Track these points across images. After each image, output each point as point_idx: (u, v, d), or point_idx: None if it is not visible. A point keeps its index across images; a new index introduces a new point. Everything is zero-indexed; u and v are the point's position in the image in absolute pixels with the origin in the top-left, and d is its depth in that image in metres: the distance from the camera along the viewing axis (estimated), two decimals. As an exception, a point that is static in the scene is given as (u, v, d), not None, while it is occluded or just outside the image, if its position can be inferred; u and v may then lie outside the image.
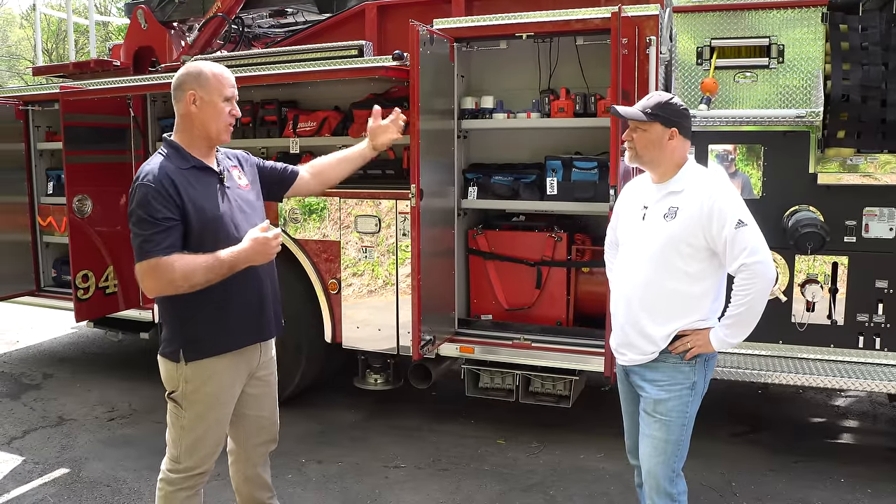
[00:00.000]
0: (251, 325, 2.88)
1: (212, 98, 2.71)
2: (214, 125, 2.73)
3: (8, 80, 26.22)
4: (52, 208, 6.50)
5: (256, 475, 3.12)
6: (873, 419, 5.19)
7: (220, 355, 2.78)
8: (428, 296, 4.38)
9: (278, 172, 3.12)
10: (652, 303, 2.77)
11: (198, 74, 2.72)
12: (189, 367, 2.76)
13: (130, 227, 2.63)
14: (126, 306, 5.85)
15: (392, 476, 4.34)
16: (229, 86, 2.76)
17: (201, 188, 2.71)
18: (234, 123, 2.82)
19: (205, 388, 2.80)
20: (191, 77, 2.72)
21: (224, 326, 2.78)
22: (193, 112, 2.71)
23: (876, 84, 3.95)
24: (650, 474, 2.83)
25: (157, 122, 6.01)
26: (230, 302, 2.77)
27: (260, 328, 2.92)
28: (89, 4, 7.67)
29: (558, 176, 4.66)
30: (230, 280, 2.68)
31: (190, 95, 2.70)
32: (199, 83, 2.71)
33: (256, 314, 2.88)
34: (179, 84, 2.74)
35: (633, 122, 2.79)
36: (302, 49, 5.19)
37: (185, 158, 2.73)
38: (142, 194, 2.59)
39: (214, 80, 2.72)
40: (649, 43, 4.03)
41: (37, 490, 4.21)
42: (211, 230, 2.69)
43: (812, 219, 3.99)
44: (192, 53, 5.89)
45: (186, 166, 2.71)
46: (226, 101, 2.74)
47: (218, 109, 2.72)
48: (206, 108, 2.71)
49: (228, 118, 2.76)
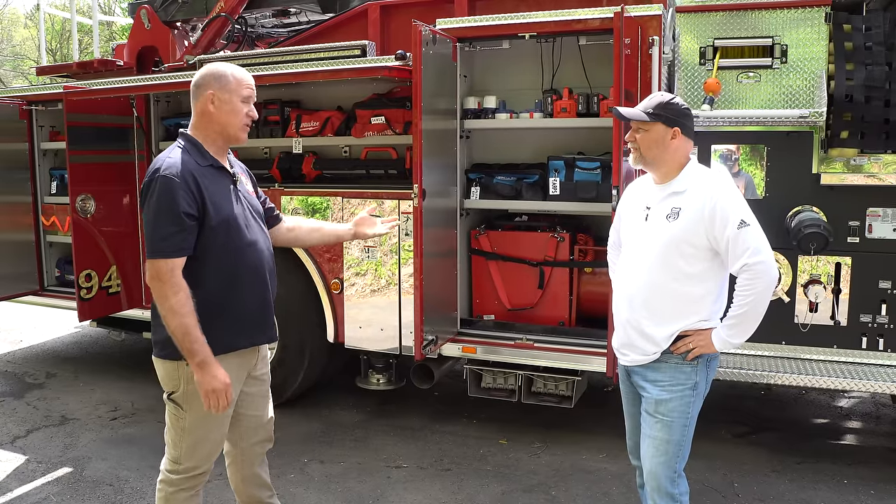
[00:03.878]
0: (258, 326, 2.90)
1: (230, 98, 2.75)
2: (232, 125, 2.77)
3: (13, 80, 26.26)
4: (55, 208, 6.51)
5: (255, 475, 3.12)
6: (876, 420, 5.18)
7: (225, 355, 2.77)
8: (430, 296, 4.38)
9: (266, 208, 3.11)
10: (654, 303, 2.76)
11: (219, 75, 2.76)
12: (190, 368, 2.75)
13: (147, 218, 2.64)
14: (129, 306, 5.87)
15: (394, 476, 4.34)
16: (248, 88, 2.80)
17: (217, 187, 2.74)
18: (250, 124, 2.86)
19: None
20: (212, 77, 2.76)
21: (231, 326, 2.79)
22: (211, 111, 2.75)
23: (880, 84, 3.93)
24: (652, 475, 2.82)
25: (160, 121, 6.03)
26: (239, 303, 2.79)
27: (265, 330, 2.94)
28: (93, 4, 7.70)
29: (561, 176, 4.65)
30: (239, 282, 2.75)
31: (209, 95, 2.74)
32: (219, 84, 2.74)
33: (262, 316, 2.90)
34: (200, 83, 2.77)
35: (635, 123, 2.78)
36: (305, 49, 5.20)
37: (203, 156, 2.76)
38: (165, 185, 2.60)
39: (234, 81, 2.76)
40: (652, 43, 4.03)
41: (39, 489, 4.22)
42: (223, 229, 2.71)
43: (815, 219, 3.98)
44: (196, 53, 5.90)
45: (204, 164, 2.74)
46: (244, 103, 2.78)
47: (236, 109, 2.76)
48: (223, 107, 2.74)
49: (246, 119, 2.80)
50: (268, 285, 2.90)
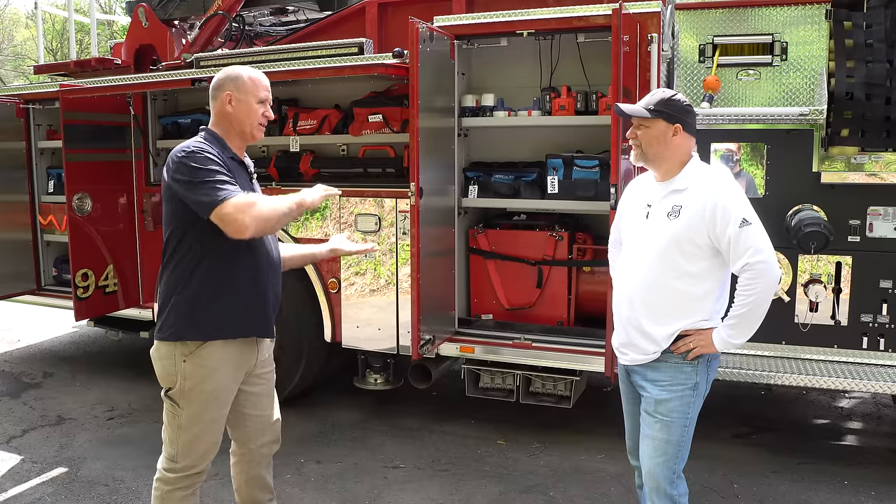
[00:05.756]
0: (259, 318, 2.92)
1: (247, 99, 2.85)
2: (249, 123, 2.87)
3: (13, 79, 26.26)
4: (52, 207, 6.51)
5: (259, 476, 3.11)
6: (877, 421, 5.15)
7: (219, 344, 2.78)
8: (428, 295, 4.36)
9: None
10: (654, 302, 2.74)
11: (236, 77, 2.87)
12: (188, 364, 2.77)
13: (184, 186, 2.65)
14: (126, 305, 5.84)
15: (391, 476, 4.32)
16: (264, 90, 2.92)
17: (238, 178, 2.80)
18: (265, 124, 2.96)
19: (203, 385, 2.79)
20: (229, 79, 2.87)
21: (230, 314, 2.81)
22: (229, 111, 2.85)
23: (880, 82, 3.90)
24: (650, 475, 2.80)
25: (157, 120, 6.00)
26: (240, 293, 2.82)
27: (265, 323, 2.96)
28: (91, 3, 7.67)
29: (559, 174, 4.63)
30: (245, 272, 2.81)
31: (227, 96, 2.84)
32: (236, 85, 2.85)
33: (263, 310, 2.93)
34: (219, 85, 2.88)
35: (636, 120, 2.76)
36: (302, 47, 5.18)
37: (225, 148, 2.84)
38: (197, 154, 2.68)
39: (251, 83, 2.88)
40: (651, 40, 4.01)
41: (35, 489, 4.19)
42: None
43: (815, 218, 3.96)
44: (193, 51, 5.88)
45: (227, 155, 2.82)
46: (260, 104, 2.88)
47: (252, 109, 2.86)
48: (240, 107, 2.85)
49: (261, 118, 2.90)
50: (270, 280, 2.93)
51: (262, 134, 2.94)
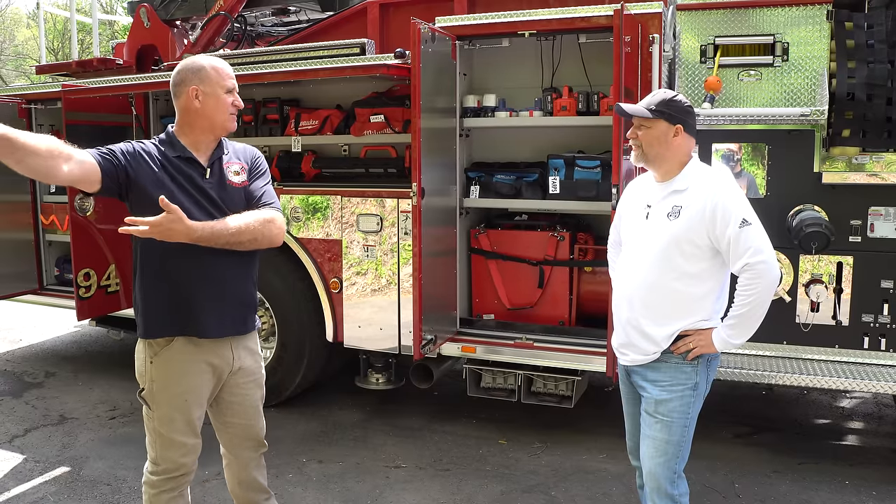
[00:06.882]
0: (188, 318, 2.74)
1: (214, 91, 2.71)
2: (219, 117, 2.73)
3: (15, 79, 26.29)
4: (54, 207, 6.50)
5: (251, 479, 3.08)
6: (878, 421, 5.15)
7: (188, 346, 2.73)
8: (429, 295, 4.36)
9: (255, 200, 2.84)
10: (654, 303, 2.75)
11: (198, 69, 2.71)
12: (154, 366, 2.75)
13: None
14: (128, 305, 5.83)
15: (393, 476, 4.32)
16: (229, 78, 2.76)
17: (159, 176, 2.66)
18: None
19: (171, 388, 2.77)
20: (191, 72, 2.71)
21: (166, 313, 2.72)
22: (197, 107, 2.70)
23: (882, 82, 3.90)
24: (651, 475, 2.80)
25: (159, 120, 6.01)
26: (167, 292, 2.72)
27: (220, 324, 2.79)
28: (93, 3, 7.68)
29: (561, 175, 4.63)
30: (172, 272, 2.70)
31: (192, 91, 2.69)
32: (199, 78, 2.70)
33: (217, 309, 2.77)
34: (180, 80, 2.72)
35: (637, 120, 2.77)
36: (304, 47, 5.19)
37: (174, 147, 2.74)
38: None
39: (214, 73, 2.72)
40: (652, 41, 4.00)
41: (37, 488, 4.20)
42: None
43: (817, 218, 3.96)
44: (195, 52, 5.89)
45: (173, 154, 2.72)
46: (228, 93, 2.74)
47: (221, 101, 2.72)
48: (209, 101, 2.70)
49: (232, 108, 2.76)
50: (206, 279, 2.72)
51: (235, 124, 2.78)
